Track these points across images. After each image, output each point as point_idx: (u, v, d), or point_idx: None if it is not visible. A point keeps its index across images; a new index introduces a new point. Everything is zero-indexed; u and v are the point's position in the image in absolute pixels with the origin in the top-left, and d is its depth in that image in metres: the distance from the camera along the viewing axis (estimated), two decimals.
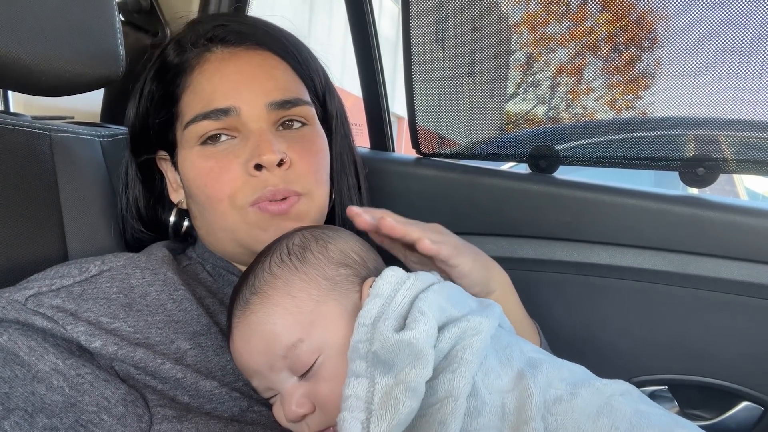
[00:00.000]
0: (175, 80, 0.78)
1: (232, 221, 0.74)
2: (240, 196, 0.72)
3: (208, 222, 0.77)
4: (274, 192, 0.72)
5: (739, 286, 1.01)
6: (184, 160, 0.77)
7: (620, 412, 0.53)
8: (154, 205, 0.86)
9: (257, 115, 0.74)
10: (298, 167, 0.75)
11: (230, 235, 0.75)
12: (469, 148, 1.25)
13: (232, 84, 0.75)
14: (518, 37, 1.20)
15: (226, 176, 0.73)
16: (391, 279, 0.60)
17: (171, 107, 0.78)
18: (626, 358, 1.10)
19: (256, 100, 0.74)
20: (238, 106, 0.73)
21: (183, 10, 1.21)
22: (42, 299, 0.63)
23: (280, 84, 0.77)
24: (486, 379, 0.55)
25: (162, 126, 0.79)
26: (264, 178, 0.72)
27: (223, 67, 0.76)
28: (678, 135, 1.08)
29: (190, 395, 0.63)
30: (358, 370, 0.54)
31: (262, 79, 0.76)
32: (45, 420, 0.55)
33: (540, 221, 1.12)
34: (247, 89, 0.75)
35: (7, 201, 0.74)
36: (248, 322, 0.61)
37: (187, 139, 0.76)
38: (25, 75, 0.74)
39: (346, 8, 1.31)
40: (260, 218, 0.73)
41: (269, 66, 0.78)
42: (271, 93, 0.75)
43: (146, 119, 0.81)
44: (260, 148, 0.71)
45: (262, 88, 0.75)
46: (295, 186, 0.74)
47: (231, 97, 0.74)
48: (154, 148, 0.83)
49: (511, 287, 0.81)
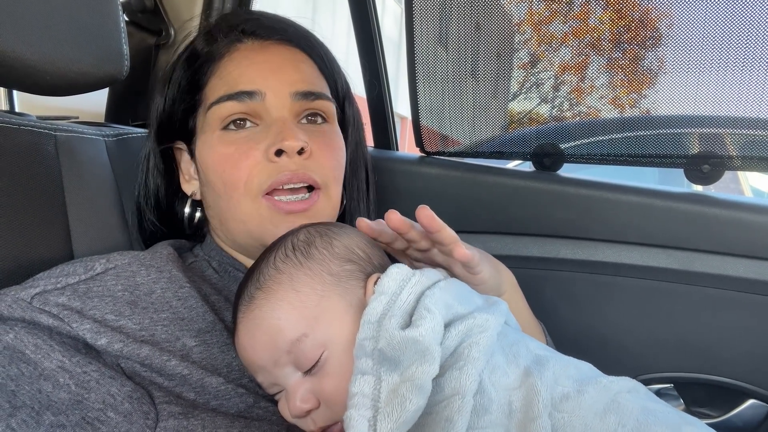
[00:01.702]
0: (203, 68, 0.80)
1: (244, 211, 0.74)
2: (255, 181, 0.73)
3: (221, 211, 0.77)
4: (290, 176, 0.73)
5: (745, 283, 1.01)
6: (204, 144, 0.78)
7: (627, 410, 0.53)
8: (171, 197, 0.86)
9: (281, 103, 0.75)
10: (317, 158, 0.76)
11: (242, 225, 0.75)
12: (473, 146, 1.25)
13: (259, 70, 0.77)
14: (521, 36, 1.20)
15: (244, 162, 0.73)
16: (396, 276, 0.60)
17: (196, 94, 0.80)
18: (632, 356, 1.10)
19: (281, 88, 0.76)
20: (264, 92, 0.75)
21: (187, 10, 1.21)
22: (47, 297, 0.63)
23: (306, 77, 0.79)
24: (493, 377, 0.54)
25: (185, 113, 0.81)
26: (283, 164, 0.73)
27: (252, 56, 0.78)
28: (683, 132, 1.08)
29: (196, 392, 0.63)
30: (364, 368, 0.54)
31: (289, 70, 0.78)
32: (51, 417, 0.55)
33: (545, 219, 1.12)
34: (274, 77, 0.76)
35: (13, 201, 0.75)
36: (253, 317, 0.61)
37: (209, 122, 0.77)
38: (29, 74, 0.74)
39: (350, 8, 1.31)
40: (272, 214, 0.73)
41: (297, 60, 0.80)
42: (297, 83, 0.77)
43: (173, 106, 0.82)
44: (283, 134, 0.72)
45: (289, 78, 0.77)
46: (314, 174, 0.74)
47: (257, 83, 0.75)
48: (175, 137, 0.83)
49: (517, 288, 0.81)
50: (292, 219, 0.73)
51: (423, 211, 0.65)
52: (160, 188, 0.85)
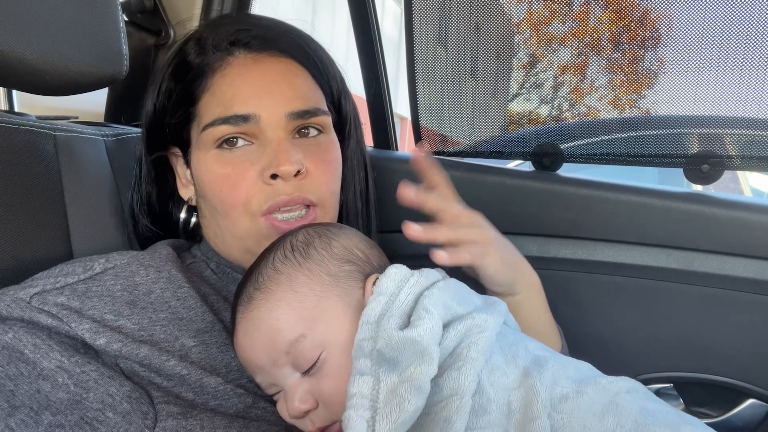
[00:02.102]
0: (195, 81, 0.78)
1: (243, 228, 0.74)
2: (254, 202, 0.73)
3: (219, 226, 0.77)
4: (287, 200, 0.73)
5: (745, 283, 1.01)
6: (199, 161, 0.77)
7: (626, 411, 0.53)
8: (165, 201, 0.86)
9: (276, 124, 0.74)
10: (313, 177, 0.75)
11: (239, 242, 0.76)
12: (473, 146, 1.24)
13: (253, 91, 0.75)
14: (521, 37, 1.20)
15: (242, 183, 0.73)
16: (394, 277, 0.60)
17: (189, 107, 0.78)
18: (631, 355, 1.10)
19: (276, 109, 0.74)
20: (258, 114, 0.73)
21: (186, 11, 1.21)
22: (46, 297, 0.63)
23: (301, 93, 0.77)
24: (491, 377, 0.54)
25: (178, 125, 0.80)
26: (278, 187, 0.72)
27: (245, 73, 0.76)
28: (683, 132, 1.08)
29: (194, 392, 0.63)
30: (362, 369, 0.54)
31: (283, 87, 0.76)
32: (50, 417, 0.55)
33: (544, 219, 1.11)
34: (268, 97, 0.75)
35: (12, 200, 0.75)
36: (251, 318, 0.61)
37: (203, 141, 0.76)
38: (29, 74, 0.74)
39: (349, 8, 1.31)
40: (271, 232, 0.73)
41: (291, 74, 0.78)
42: (292, 102, 0.75)
43: (163, 116, 0.81)
44: (278, 158, 0.72)
45: (283, 97, 0.75)
46: (310, 195, 0.74)
47: (251, 105, 0.74)
48: (168, 145, 0.83)
49: (539, 289, 0.81)
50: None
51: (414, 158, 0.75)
52: (152, 194, 0.85)
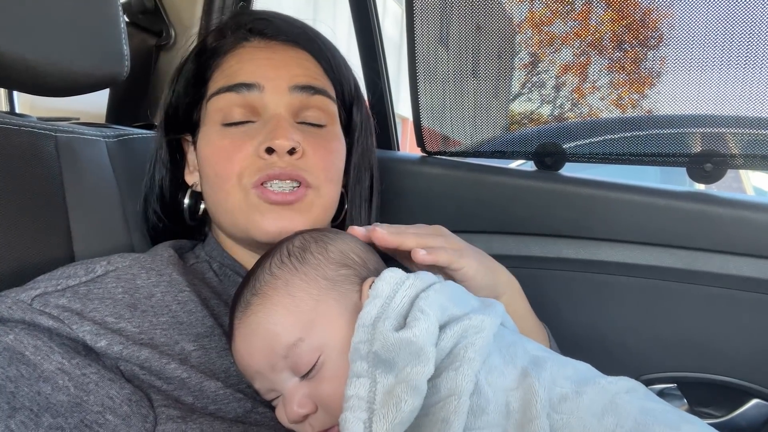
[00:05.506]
0: (208, 62, 0.81)
1: (233, 201, 0.74)
2: (246, 174, 0.73)
3: (214, 202, 0.78)
4: (279, 173, 0.72)
5: (748, 283, 1.00)
6: (203, 137, 0.79)
7: (625, 411, 0.53)
8: (176, 188, 0.86)
9: (279, 98, 0.76)
10: (309, 159, 0.75)
11: (230, 217, 0.75)
12: (475, 146, 1.24)
13: (259, 65, 0.77)
14: (522, 37, 1.20)
15: (237, 156, 0.74)
16: (390, 280, 0.60)
17: (200, 87, 0.81)
18: (635, 355, 1.10)
19: (280, 83, 0.76)
20: (262, 84, 0.76)
21: (187, 12, 1.21)
22: (48, 299, 0.63)
23: (308, 73, 0.79)
24: (489, 377, 0.54)
25: (190, 106, 0.82)
26: (272, 162, 0.73)
27: (256, 53, 0.79)
28: (685, 131, 1.07)
29: (194, 396, 0.63)
30: (359, 371, 0.54)
31: (291, 65, 0.79)
32: (50, 419, 0.55)
33: (546, 219, 1.11)
34: (274, 71, 0.77)
35: (13, 202, 0.75)
36: (249, 323, 0.61)
37: (209, 114, 0.77)
38: (30, 75, 0.75)
39: (351, 9, 1.31)
40: (259, 203, 0.73)
41: (300, 58, 0.81)
42: (297, 77, 0.77)
43: (179, 98, 0.83)
44: (275, 132, 0.72)
45: (289, 72, 0.77)
46: (304, 174, 0.74)
47: (257, 75, 0.76)
48: (182, 129, 0.84)
49: (520, 292, 0.80)
50: (279, 210, 0.72)
51: (375, 234, 0.68)
52: (164, 179, 0.85)
